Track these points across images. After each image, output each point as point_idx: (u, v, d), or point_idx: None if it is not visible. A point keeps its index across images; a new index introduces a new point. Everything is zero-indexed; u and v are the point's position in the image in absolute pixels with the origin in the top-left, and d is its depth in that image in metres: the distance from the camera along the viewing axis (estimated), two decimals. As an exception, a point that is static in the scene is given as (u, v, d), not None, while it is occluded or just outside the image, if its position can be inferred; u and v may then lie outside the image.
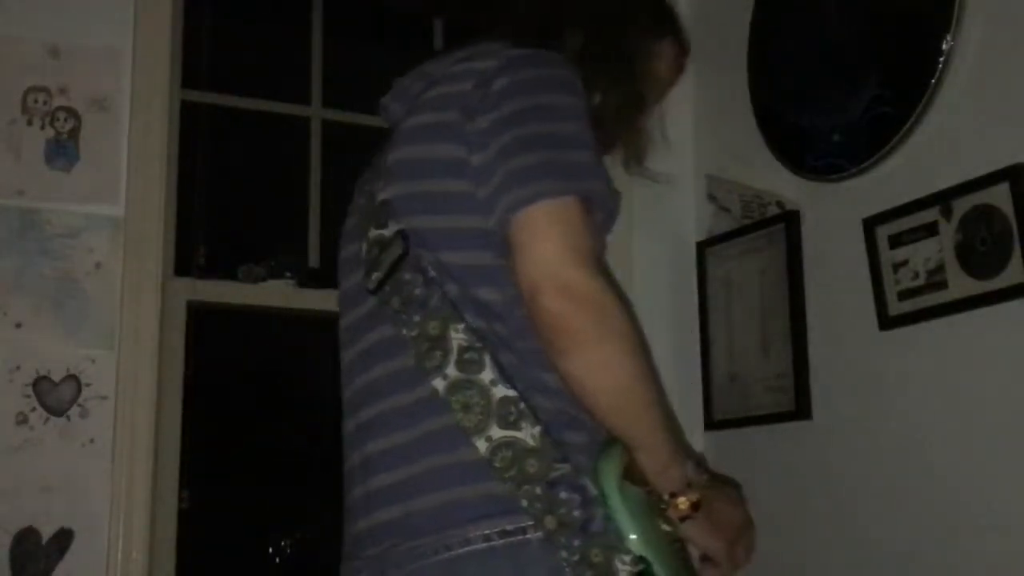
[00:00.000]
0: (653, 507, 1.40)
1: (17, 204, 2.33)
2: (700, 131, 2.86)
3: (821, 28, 2.50)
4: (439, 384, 1.38)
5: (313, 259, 2.76)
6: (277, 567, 3.37)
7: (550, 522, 1.32)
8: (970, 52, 2.17)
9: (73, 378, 2.32)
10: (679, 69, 1.81)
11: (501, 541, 1.34)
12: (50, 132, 2.37)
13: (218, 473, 3.50)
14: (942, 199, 2.17)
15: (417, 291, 1.42)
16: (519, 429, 1.35)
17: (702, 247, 2.80)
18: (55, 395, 2.30)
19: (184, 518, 2.50)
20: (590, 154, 1.45)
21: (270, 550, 3.26)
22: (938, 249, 2.17)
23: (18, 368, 2.28)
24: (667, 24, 1.79)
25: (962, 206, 2.13)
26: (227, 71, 2.94)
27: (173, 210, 2.53)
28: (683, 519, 1.41)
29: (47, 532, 2.26)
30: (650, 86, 1.71)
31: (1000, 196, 2.06)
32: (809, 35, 2.53)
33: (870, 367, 2.33)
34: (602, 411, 1.38)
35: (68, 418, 2.30)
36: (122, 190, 2.40)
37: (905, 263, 2.24)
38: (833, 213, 2.44)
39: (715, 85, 2.83)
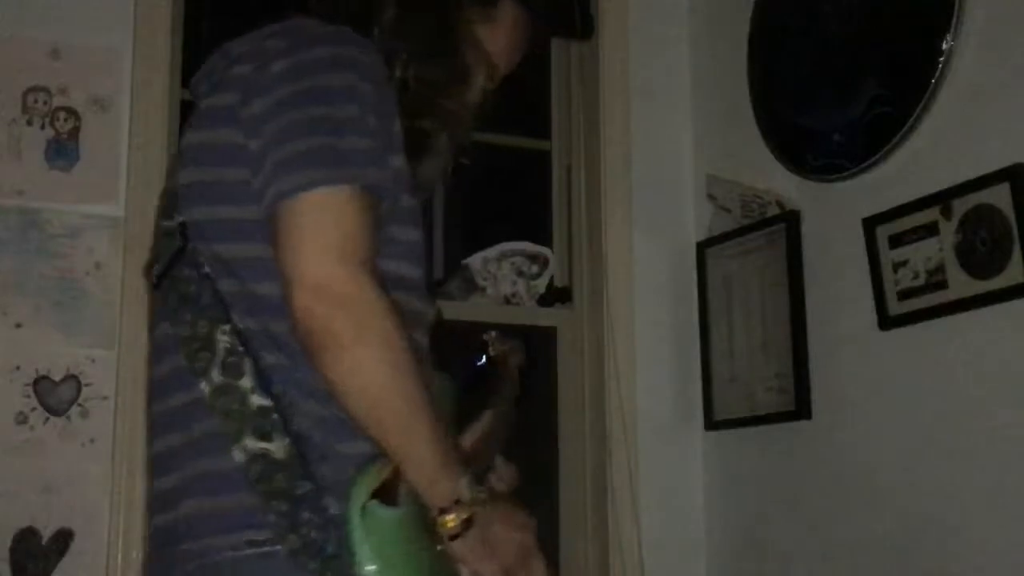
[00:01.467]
0: (421, 526, 1.31)
1: (17, 204, 2.33)
2: (700, 131, 2.86)
3: (821, 28, 2.50)
4: (205, 388, 1.32)
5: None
6: None
7: (293, 541, 1.26)
8: (970, 52, 2.17)
9: (73, 378, 2.32)
10: (526, 34, 1.63)
11: (249, 551, 1.28)
12: (50, 132, 2.37)
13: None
14: (942, 199, 2.17)
15: (191, 288, 1.36)
16: (271, 441, 1.29)
17: (702, 247, 2.80)
18: (55, 395, 2.30)
19: (184, 518, 2.50)
20: (368, 140, 1.34)
21: None
22: (938, 249, 2.17)
23: (18, 368, 2.28)
24: None
25: (962, 206, 2.13)
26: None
27: (173, 210, 2.52)
28: (452, 538, 1.30)
29: (47, 532, 2.26)
30: (474, 60, 1.54)
31: (1000, 196, 2.06)
32: (809, 35, 2.53)
33: (870, 367, 2.33)
34: (357, 419, 1.28)
35: (68, 418, 2.30)
36: (122, 190, 2.40)
37: (905, 263, 2.24)
38: (833, 213, 2.44)
39: (715, 85, 2.83)
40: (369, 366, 1.26)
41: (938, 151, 2.21)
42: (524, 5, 1.61)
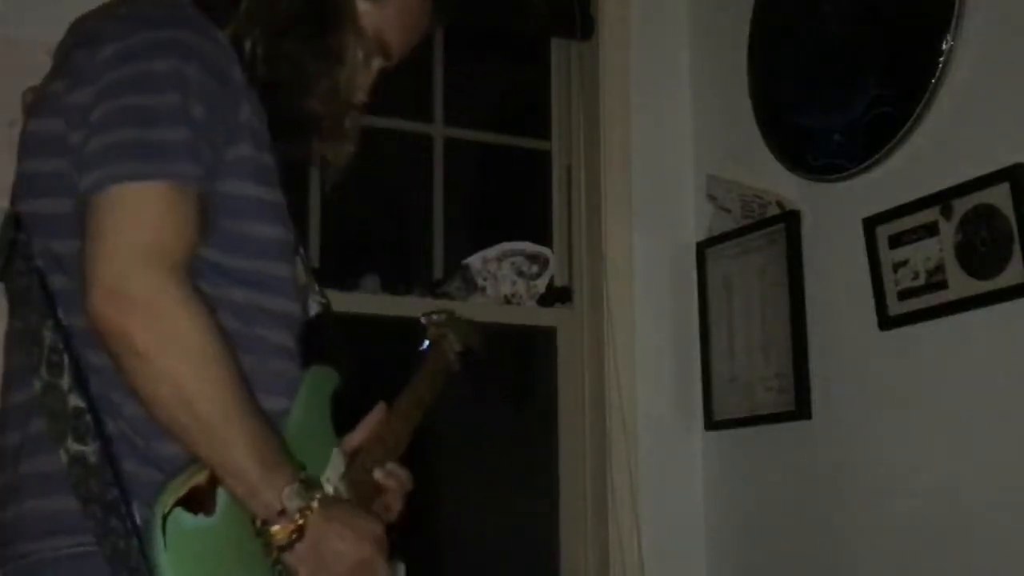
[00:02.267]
0: (248, 532, 1.24)
1: (17, 204, 2.32)
2: (700, 131, 2.86)
3: (821, 28, 2.50)
4: (37, 385, 1.28)
5: (312, 259, 2.76)
6: (277, 567, 3.36)
7: (107, 548, 1.21)
8: (970, 52, 2.17)
9: (73, 378, 2.31)
10: (425, 8, 1.51)
11: (68, 551, 1.24)
12: (50, 132, 2.36)
13: (218, 473, 3.50)
14: (942, 199, 2.17)
15: (24, 281, 1.30)
16: (86, 444, 1.23)
17: (702, 247, 2.80)
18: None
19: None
20: (185, 130, 1.24)
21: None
22: (938, 249, 2.17)
23: (18, 368, 2.28)
24: None
25: (962, 206, 2.13)
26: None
27: (173, 210, 2.52)
28: (282, 549, 1.22)
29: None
30: (357, 36, 1.44)
31: (1000, 196, 2.06)
32: (809, 35, 2.53)
33: (870, 367, 2.33)
34: (163, 426, 1.21)
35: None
36: (122, 190, 2.39)
37: (905, 263, 2.24)
38: (833, 213, 2.44)
39: (715, 85, 2.83)
40: (168, 374, 1.19)
41: (938, 151, 2.21)
42: None
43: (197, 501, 1.21)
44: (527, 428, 3.02)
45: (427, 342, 1.75)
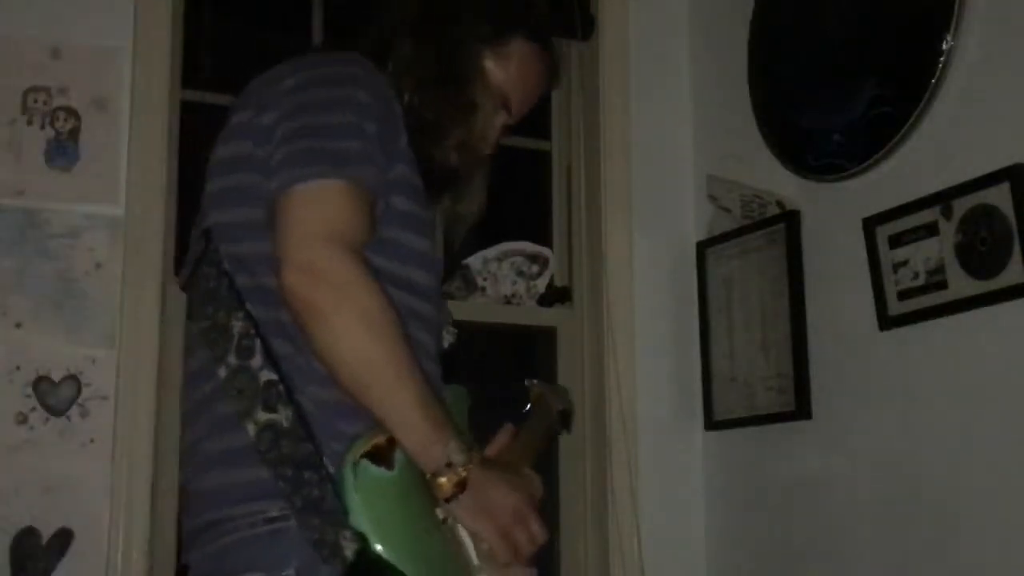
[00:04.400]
0: (422, 491, 1.38)
1: (17, 204, 2.33)
2: (700, 131, 2.87)
3: (821, 28, 2.50)
4: (223, 372, 1.43)
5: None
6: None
7: (298, 502, 1.35)
8: (970, 52, 2.17)
9: (73, 378, 2.32)
10: (539, 69, 1.74)
11: (264, 528, 1.38)
12: (50, 132, 2.37)
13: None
14: (942, 199, 2.17)
15: (211, 284, 1.48)
16: (277, 411, 1.39)
17: (702, 247, 2.80)
18: (55, 395, 2.30)
19: (184, 518, 2.50)
20: (361, 143, 1.45)
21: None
22: (938, 249, 2.17)
23: (18, 368, 2.28)
24: (514, 22, 1.70)
25: (962, 206, 2.13)
26: (227, 71, 2.93)
27: (173, 210, 2.53)
28: (448, 500, 1.38)
29: (47, 532, 2.26)
30: (480, 94, 1.66)
31: (1000, 196, 2.06)
32: (809, 35, 2.53)
33: (870, 367, 2.33)
34: (346, 385, 1.37)
35: (68, 418, 2.30)
36: (122, 190, 2.40)
37: (905, 263, 2.24)
38: (833, 213, 2.44)
39: (715, 85, 2.83)
40: (351, 334, 1.35)
41: (938, 151, 2.22)
42: (534, 41, 1.72)
43: (379, 456, 1.35)
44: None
45: (529, 405, 1.88)
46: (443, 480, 1.37)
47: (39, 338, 2.30)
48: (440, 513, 1.40)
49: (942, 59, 2.18)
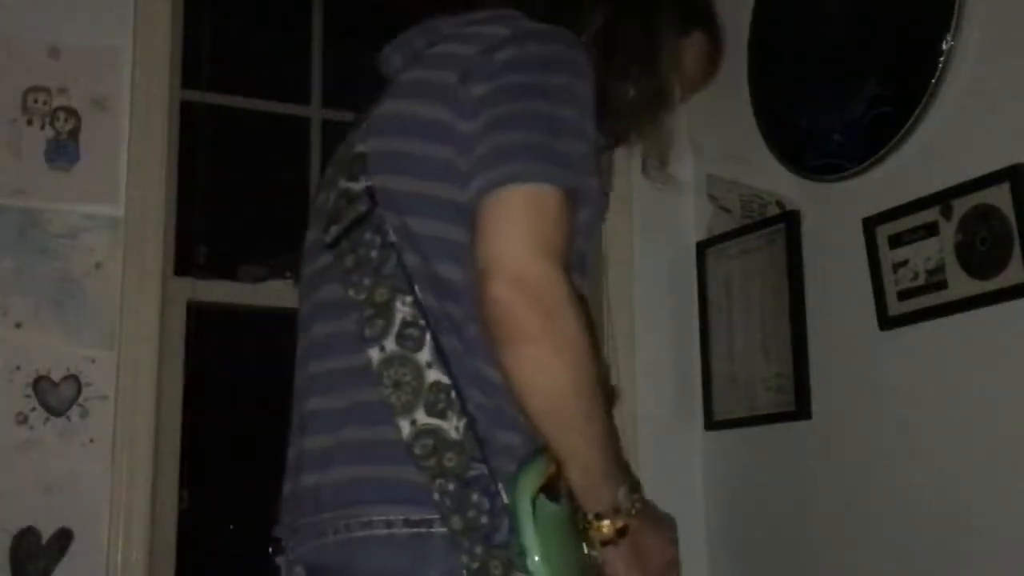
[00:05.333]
0: (575, 526, 1.31)
1: (17, 204, 2.33)
2: (700, 131, 2.86)
3: (821, 28, 2.50)
4: (375, 355, 1.31)
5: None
6: (277, 567, 3.36)
7: (456, 522, 1.25)
8: (970, 52, 2.17)
9: (73, 378, 2.32)
10: (711, 68, 1.68)
11: (404, 530, 1.27)
12: (50, 132, 2.37)
13: (218, 473, 3.50)
14: (942, 199, 2.17)
15: (373, 253, 1.34)
16: (445, 419, 1.28)
17: (702, 247, 2.80)
18: (55, 395, 2.30)
19: (184, 518, 2.50)
20: (585, 146, 1.35)
21: (270, 550, 3.25)
22: (938, 249, 2.17)
23: (18, 368, 2.28)
24: (699, 15, 1.64)
25: (962, 206, 2.13)
26: (227, 71, 2.94)
27: (173, 210, 2.53)
28: (604, 543, 1.31)
29: (47, 532, 2.26)
30: (675, 81, 1.55)
31: (1000, 196, 2.06)
32: (809, 35, 2.53)
33: (870, 367, 2.33)
34: (533, 414, 1.27)
35: (68, 418, 2.30)
36: (122, 190, 2.40)
37: (905, 263, 2.24)
38: (833, 213, 2.44)
39: (715, 85, 2.82)
40: (553, 364, 1.26)
41: (938, 151, 2.21)
42: (712, 37, 1.65)
43: (551, 489, 1.28)
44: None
45: None
46: (605, 524, 1.31)
47: (39, 338, 2.30)
48: (587, 548, 1.33)
49: (942, 59, 2.18)
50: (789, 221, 2.54)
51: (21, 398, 2.28)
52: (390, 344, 1.30)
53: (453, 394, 1.28)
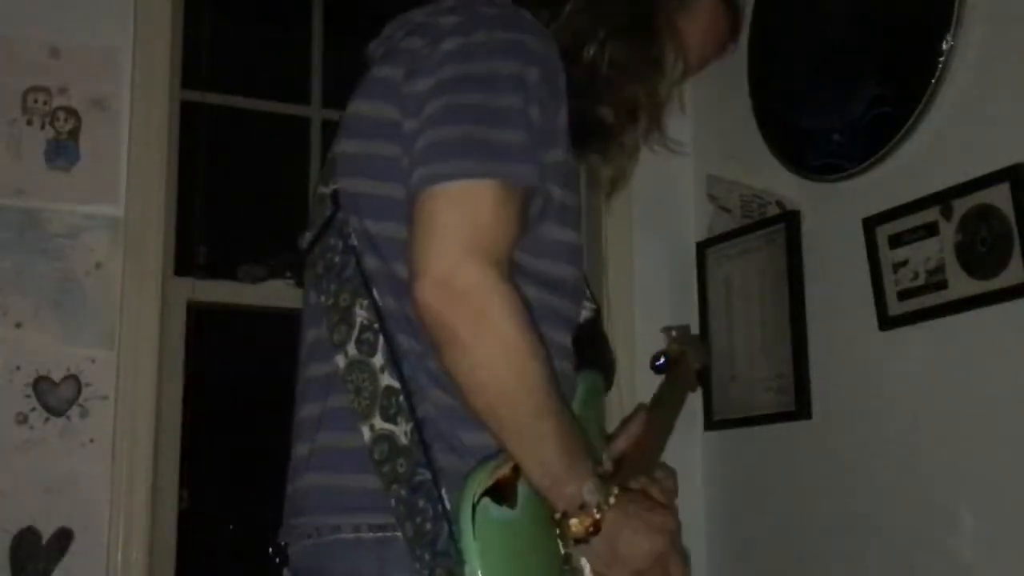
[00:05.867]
0: (545, 528, 1.26)
1: (17, 204, 2.33)
2: (700, 131, 2.86)
3: (821, 28, 2.50)
4: (340, 361, 1.31)
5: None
6: (277, 567, 3.36)
7: (408, 529, 1.24)
8: (970, 52, 2.16)
9: (73, 378, 2.32)
10: (726, 34, 1.59)
11: (370, 535, 1.27)
12: (50, 132, 2.37)
13: (218, 473, 3.50)
14: (942, 199, 2.17)
15: (336, 258, 1.34)
16: (396, 423, 1.27)
17: (702, 247, 2.80)
18: (55, 395, 2.30)
19: (184, 518, 2.50)
20: (523, 133, 1.28)
21: (270, 550, 3.25)
22: (938, 249, 2.17)
23: (18, 368, 2.28)
24: None
25: (962, 206, 2.13)
26: (227, 71, 2.94)
27: (173, 210, 2.53)
28: (578, 542, 1.25)
29: (47, 532, 2.26)
30: (675, 48, 1.49)
31: (1000, 196, 2.06)
32: (809, 35, 2.53)
33: (870, 367, 2.33)
34: (479, 414, 1.24)
35: (68, 418, 2.30)
36: (122, 190, 2.40)
37: (905, 263, 2.24)
38: (833, 213, 2.44)
39: (715, 85, 2.82)
40: (489, 364, 1.23)
41: (938, 151, 2.21)
42: (727, 4, 1.58)
43: (502, 492, 1.23)
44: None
45: (663, 358, 1.73)
46: (574, 522, 1.25)
47: (39, 338, 2.30)
48: (563, 548, 1.27)
49: (942, 59, 2.18)
50: (789, 221, 2.54)
51: (21, 398, 2.28)
52: (352, 349, 1.31)
53: (402, 398, 1.27)
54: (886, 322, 2.28)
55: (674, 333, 1.73)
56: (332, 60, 2.89)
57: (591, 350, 1.50)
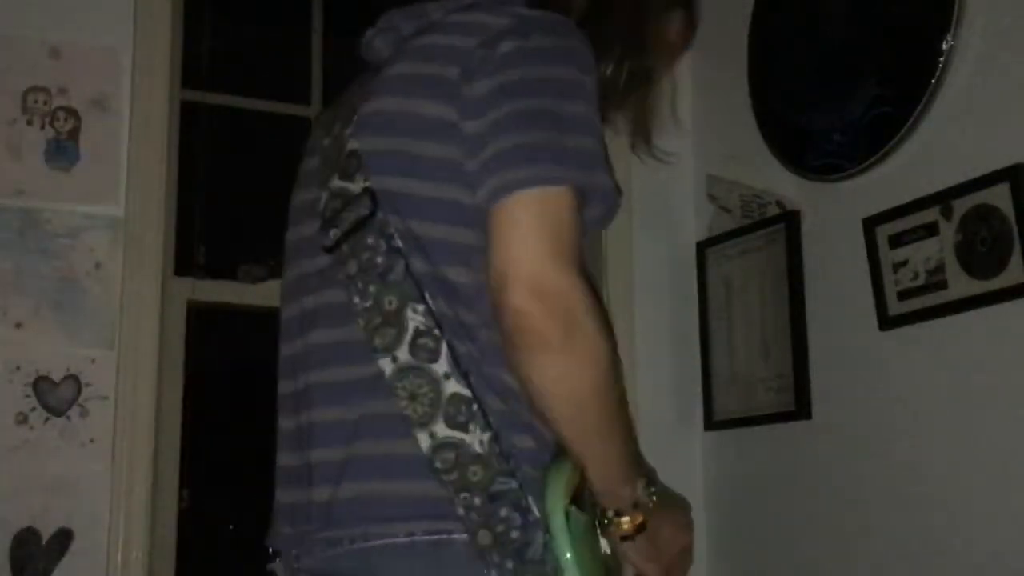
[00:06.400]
0: (596, 527, 1.33)
1: (17, 204, 2.33)
2: (700, 131, 2.86)
3: (821, 28, 2.50)
4: (386, 365, 1.27)
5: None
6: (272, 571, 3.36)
7: (484, 536, 1.22)
8: (970, 52, 2.17)
9: (73, 378, 2.32)
10: (685, 43, 1.65)
11: (424, 538, 1.24)
12: (50, 132, 2.37)
13: (218, 473, 3.50)
14: (942, 199, 2.17)
15: (378, 259, 1.29)
16: (467, 431, 1.25)
17: (702, 247, 2.80)
18: (55, 395, 2.30)
19: (184, 518, 2.50)
20: (596, 141, 1.31)
21: (270, 550, 3.25)
22: (938, 249, 2.17)
23: (18, 368, 2.28)
24: None
25: (962, 206, 2.13)
26: (227, 71, 2.94)
27: (173, 210, 2.53)
28: (624, 539, 1.33)
29: (47, 532, 2.26)
30: (659, 57, 1.55)
31: (1000, 196, 2.06)
32: (809, 35, 2.53)
33: (870, 367, 2.33)
34: (556, 421, 1.26)
35: (68, 418, 2.30)
36: (122, 190, 2.40)
37: (905, 263, 2.24)
38: (833, 213, 2.44)
39: (715, 85, 2.83)
40: (576, 372, 1.24)
41: (938, 151, 2.21)
42: (691, 19, 1.64)
43: (578, 499, 1.28)
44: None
45: None
46: (625, 520, 1.32)
47: (39, 338, 2.30)
48: (606, 547, 1.35)
49: (942, 59, 2.18)
50: (789, 221, 2.54)
51: (21, 398, 2.28)
52: (403, 354, 1.27)
53: (475, 407, 1.26)
54: (886, 322, 2.28)
55: None
56: (332, 60, 2.89)
57: None
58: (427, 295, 1.28)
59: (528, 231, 1.24)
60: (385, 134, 1.34)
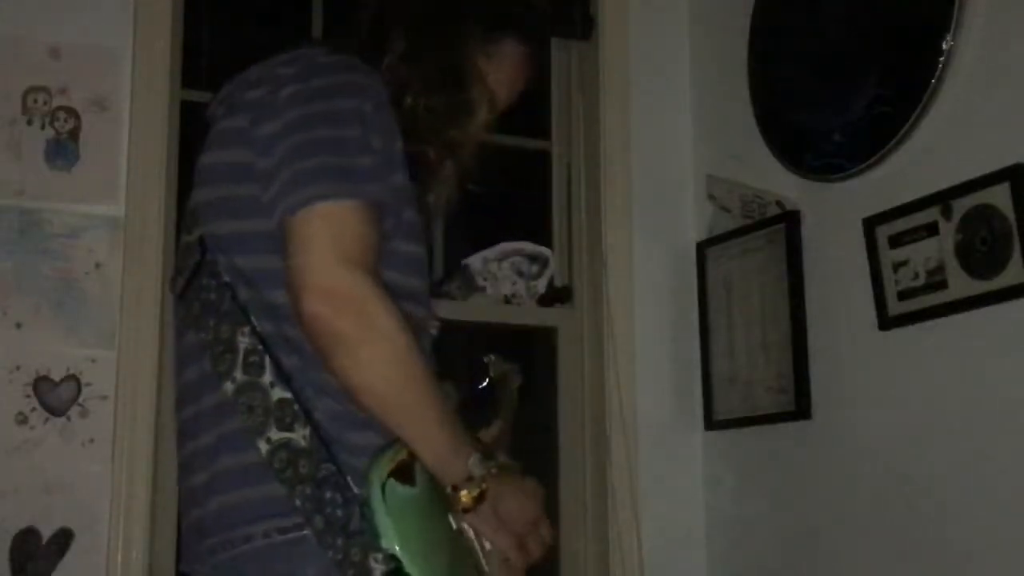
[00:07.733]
0: (438, 503, 1.40)
1: (17, 204, 2.33)
2: (700, 131, 2.87)
3: (821, 28, 2.50)
4: (229, 387, 1.42)
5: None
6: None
7: (319, 522, 1.35)
8: (970, 52, 2.17)
9: (73, 378, 2.32)
10: (526, 70, 1.74)
11: (280, 537, 1.37)
12: (50, 132, 2.37)
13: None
14: (942, 199, 2.17)
15: (212, 296, 1.46)
16: (293, 430, 1.38)
17: (702, 247, 2.80)
18: (55, 395, 2.30)
19: (184, 518, 2.50)
20: (371, 158, 1.43)
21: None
22: (938, 249, 2.17)
23: (18, 368, 2.28)
24: (507, 23, 1.71)
25: (962, 206, 2.13)
26: (227, 71, 2.93)
27: (173, 210, 2.52)
28: (466, 511, 1.41)
29: (47, 532, 2.26)
30: (481, 92, 1.65)
31: (1000, 196, 2.06)
32: (809, 35, 2.53)
33: (870, 367, 2.33)
34: (371, 410, 1.38)
35: (68, 418, 2.30)
36: (122, 190, 2.40)
37: (905, 263, 2.24)
38: (833, 213, 2.44)
39: (715, 85, 2.83)
40: (377, 363, 1.35)
41: (938, 151, 2.22)
42: (525, 43, 1.72)
43: (402, 474, 1.36)
44: (527, 428, 3.02)
45: (486, 379, 1.90)
46: (464, 493, 1.39)
47: (39, 338, 2.30)
48: (454, 523, 1.42)
49: (942, 59, 2.18)
50: (789, 221, 2.54)
51: (21, 398, 2.28)
52: (239, 374, 1.41)
53: (296, 407, 1.38)
54: (886, 322, 2.28)
55: (492, 358, 1.89)
56: (332, 60, 2.88)
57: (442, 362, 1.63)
58: (253, 319, 1.43)
59: (310, 243, 1.37)
60: (208, 185, 1.51)
